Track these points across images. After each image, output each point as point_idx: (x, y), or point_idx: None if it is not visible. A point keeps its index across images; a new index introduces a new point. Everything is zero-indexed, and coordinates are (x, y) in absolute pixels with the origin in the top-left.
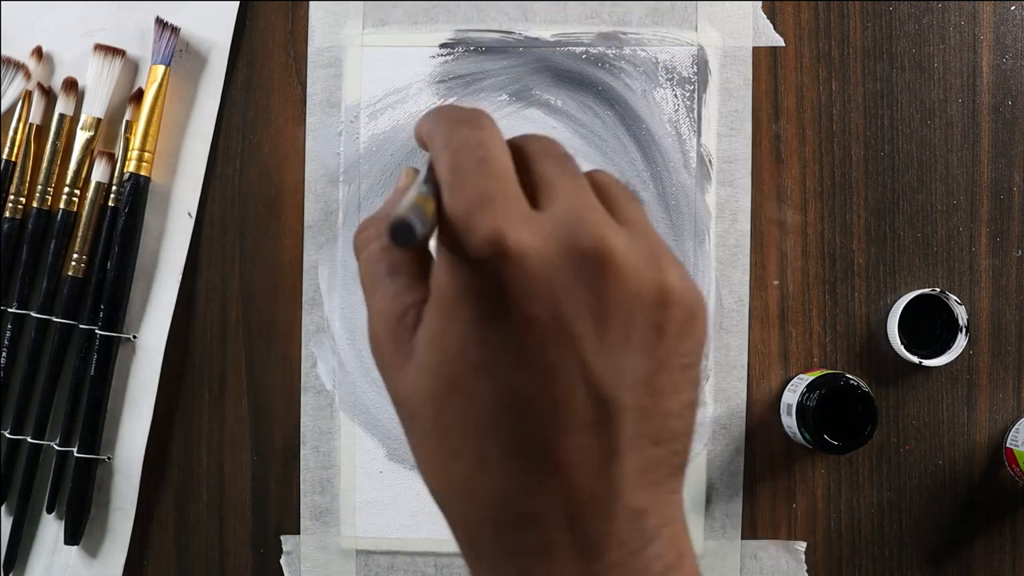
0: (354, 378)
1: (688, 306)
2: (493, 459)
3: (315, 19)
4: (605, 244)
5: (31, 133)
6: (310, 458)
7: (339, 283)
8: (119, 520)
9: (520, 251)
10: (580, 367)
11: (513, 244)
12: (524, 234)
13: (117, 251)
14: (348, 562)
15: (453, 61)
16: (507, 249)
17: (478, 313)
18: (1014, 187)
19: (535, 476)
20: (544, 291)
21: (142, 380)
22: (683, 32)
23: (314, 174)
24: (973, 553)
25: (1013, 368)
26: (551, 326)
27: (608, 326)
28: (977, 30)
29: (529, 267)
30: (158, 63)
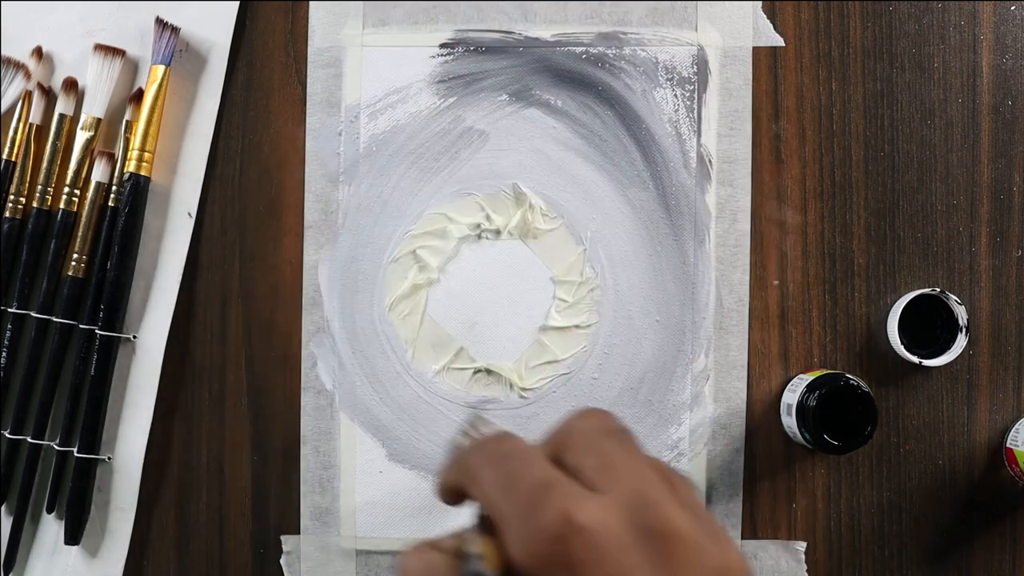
0: (354, 378)
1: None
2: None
3: (315, 19)
4: (672, 523)
5: (31, 133)
6: (310, 458)
7: (339, 283)
8: (119, 520)
9: (589, 526)
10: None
11: (582, 520)
12: (591, 511)
13: (117, 251)
14: (348, 562)
15: (453, 61)
16: (577, 524)
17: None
18: (1014, 187)
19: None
20: (615, 567)
21: (142, 380)
22: (683, 32)
23: (314, 174)
24: (973, 553)
25: (1013, 368)
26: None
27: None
28: (977, 30)
29: (599, 543)
30: (158, 63)
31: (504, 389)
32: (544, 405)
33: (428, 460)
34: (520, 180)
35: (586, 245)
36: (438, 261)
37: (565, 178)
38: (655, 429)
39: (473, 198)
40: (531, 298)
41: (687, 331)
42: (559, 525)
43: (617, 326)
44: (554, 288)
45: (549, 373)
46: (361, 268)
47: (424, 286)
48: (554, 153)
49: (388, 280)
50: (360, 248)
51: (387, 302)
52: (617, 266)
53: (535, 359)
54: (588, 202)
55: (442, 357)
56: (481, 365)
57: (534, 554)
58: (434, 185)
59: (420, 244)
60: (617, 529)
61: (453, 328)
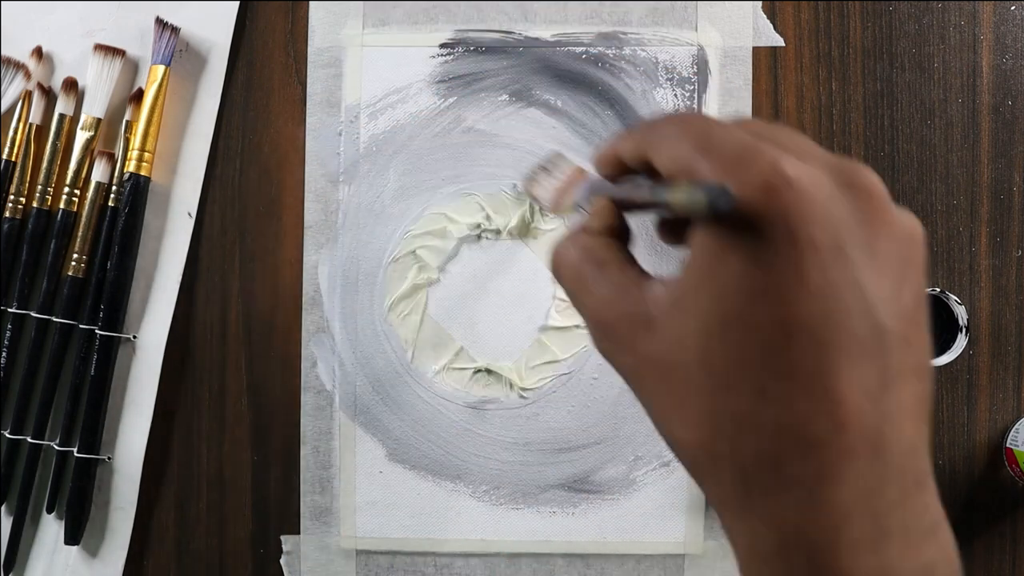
0: (354, 378)
1: (924, 247)
2: (773, 387)
3: (315, 19)
4: (875, 180)
5: (31, 133)
6: (310, 458)
7: (339, 283)
8: (119, 520)
9: (801, 177)
10: (859, 291)
11: (793, 172)
12: (801, 166)
13: (117, 251)
14: (348, 562)
15: (453, 61)
16: (788, 175)
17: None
18: (1014, 187)
19: (816, 404)
20: (824, 216)
21: (142, 380)
22: (683, 32)
23: (314, 174)
24: (973, 553)
25: (1013, 368)
26: (832, 250)
27: (877, 255)
28: (977, 30)
29: (811, 193)
30: (158, 63)
31: (504, 389)
32: (544, 405)
33: (428, 460)
34: (520, 180)
35: None
36: (438, 261)
37: None
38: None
39: (473, 198)
40: (531, 298)
41: None
42: (771, 175)
43: None
44: (554, 288)
45: (549, 373)
46: (361, 268)
47: (424, 286)
48: None
49: (388, 280)
50: (360, 248)
51: (387, 302)
52: None
53: (535, 359)
54: None
55: (442, 357)
56: (481, 365)
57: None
58: (434, 185)
59: (420, 244)
60: (826, 182)
61: (453, 328)
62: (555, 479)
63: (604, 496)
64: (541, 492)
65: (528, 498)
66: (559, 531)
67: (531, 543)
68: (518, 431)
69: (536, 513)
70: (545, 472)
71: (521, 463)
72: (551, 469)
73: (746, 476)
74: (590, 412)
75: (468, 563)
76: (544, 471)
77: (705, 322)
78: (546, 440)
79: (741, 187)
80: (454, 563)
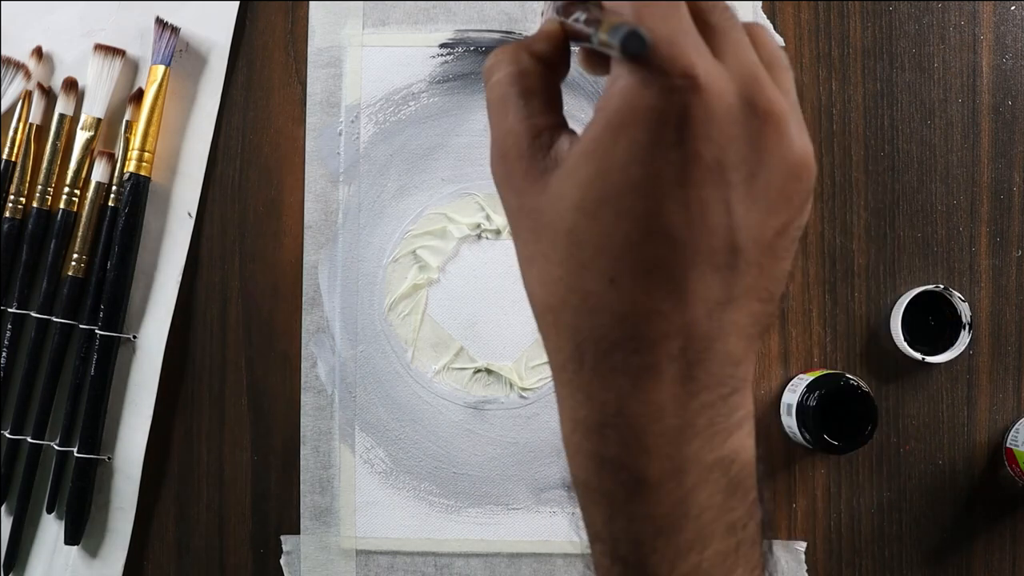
0: (354, 378)
1: (812, 183)
2: (625, 278)
3: (315, 19)
4: (777, 106)
5: (31, 133)
6: (310, 458)
7: (339, 283)
8: (119, 520)
9: (708, 88)
10: (726, 212)
11: (704, 80)
12: (713, 75)
13: (117, 251)
14: (348, 562)
15: (453, 61)
16: (700, 83)
17: (652, 137)
18: (1014, 187)
19: (660, 303)
20: (717, 133)
21: (142, 380)
22: None
23: (314, 174)
24: (973, 553)
25: (1013, 368)
26: (713, 167)
27: (755, 182)
28: (977, 30)
29: (711, 106)
30: (158, 63)
31: (504, 389)
32: (544, 405)
33: (428, 460)
34: None
35: None
36: (438, 261)
37: None
38: None
39: (473, 198)
40: None
41: None
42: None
43: None
44: None
45: (549, 373)
46: (361, 268)
47: (424, 286)
48: None
49: (388, 280)
50: (360, 248)
51: (387, 302)
52: None
53: (535, 359)
54: None
55: (442, 357)
56: (481, 365)
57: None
58: (434, 185)
59: (420, 244)
60: (730, 98)
61: (453, 328)
62: (555, 479)
63: None
64: (541, 492)
65: (528, 498)
66: (559, 531)
67: (531, 543)
68: (518, 431)
69: (536, 513)
70: (545, 472)
71: (521, 463)
72: (551, 469)
73: (581, 351)
74: None
75: (468, 563)
76: (544, 471)
77: (583, 195)
78: (546, 440)
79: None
80: (454, 563)
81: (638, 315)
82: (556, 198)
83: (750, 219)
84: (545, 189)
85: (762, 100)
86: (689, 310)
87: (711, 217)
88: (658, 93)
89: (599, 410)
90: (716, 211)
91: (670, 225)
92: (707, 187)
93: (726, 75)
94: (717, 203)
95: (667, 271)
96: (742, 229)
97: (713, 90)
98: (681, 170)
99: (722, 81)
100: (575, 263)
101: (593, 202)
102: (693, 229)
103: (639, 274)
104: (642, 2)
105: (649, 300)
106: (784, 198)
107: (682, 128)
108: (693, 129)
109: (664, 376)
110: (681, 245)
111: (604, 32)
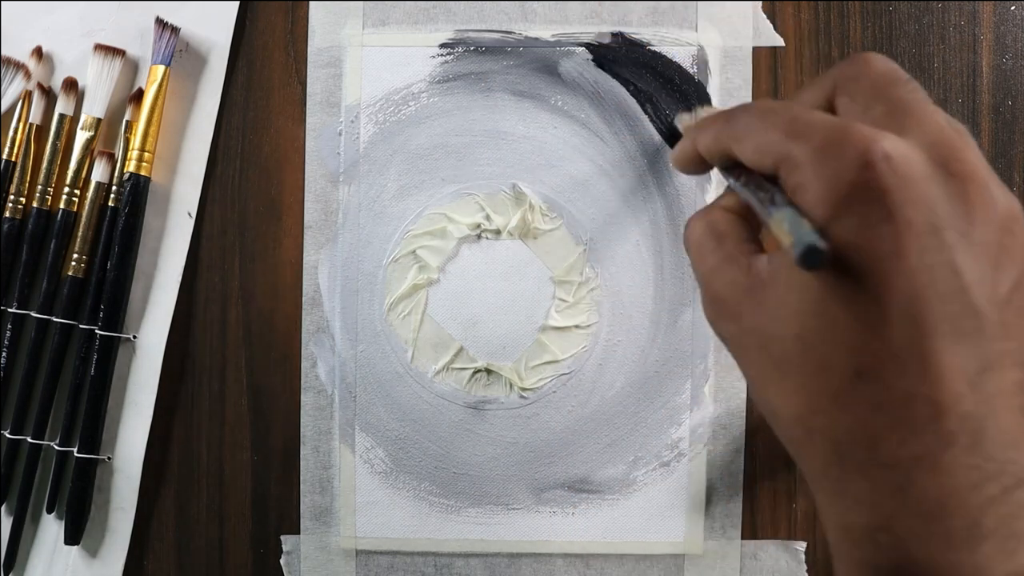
0: (354, 378)
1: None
2: (870, 367)
3: (315, 19)
4: (972, 166)
5: (31, 133)
6: (310, 458)
7: (339, 283)
8: (119, 520)
9: (896, 154)
10: (954, 274)
11: (888, 148)
12: (895, 142)
13: (117, 251)
14: (348, 562)
15: (453, 61)
16: (884, 152)
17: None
18: (1014, 187)
19: (915, 385)
20: (921, 196)
21: (142, 380)
22: (683, 32)
23: (314, 174)
24: None
25: None
26: (928, 231)
27: (973, 240)
28: (977, 30)
29: (906, 170)
30: (158, 63)
31: (504, 389)
32: (544, 405)
33: (428, 460)
34: (520, 180)
35: (586, 245)
36: (438, 261)
37: (565, 178)
38: (655, 429)
39: (473, 198)
40: (531, 298)
41: (687, 331)
42: (865, 154)
43: (617, 326)
44: (554, 288)
45: (549, 373)
46: (361, 268)
47: (424, 286)
48: (554, 153)
49: (388, 280)
50: (360, 248)
51: (387, 302)
52: (617, 266)
53: (535, 359)
54: (588, 202)
55: (442, 357)
56: (481, 365)
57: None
58: (434, 185)
59: (420, 244)
60: (921, 161)
61: (453, 328)
62: (555, 479)
63: (604, 496)
64: (541, 492)
65: (528, 498)
66: (559, 531)
67: (531, 543)
68: (518, 431)
69: (536, 513)
70: (545, 472)
71: (521, 463)
72: (551, 469)
73: (841, 453)
74: (590, 412)
75: (468, 563)
76: (544, 471)
77: (803, 298)
78: (546, 440)
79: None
80: (454, 563)
81: (894, 403)
82: (776, 308)
83: (980, 276)
84: (761, 304)
85: (954, 161)
86: (947, 386)
87: (941, 281)
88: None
89: (870, 513)
90: (944, 275)
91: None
92: (929, 252)
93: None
94: (943, 266)
95: (912, 348)
96: (974, 287)
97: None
98: (897, 242)
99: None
100: (813, 366)
101: (815, 302)
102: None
103: (884, 358)
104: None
105: (903, 383)
106: (1005, 253)
107: (887, 200)
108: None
109: (939, 465)
110: (918, 318)
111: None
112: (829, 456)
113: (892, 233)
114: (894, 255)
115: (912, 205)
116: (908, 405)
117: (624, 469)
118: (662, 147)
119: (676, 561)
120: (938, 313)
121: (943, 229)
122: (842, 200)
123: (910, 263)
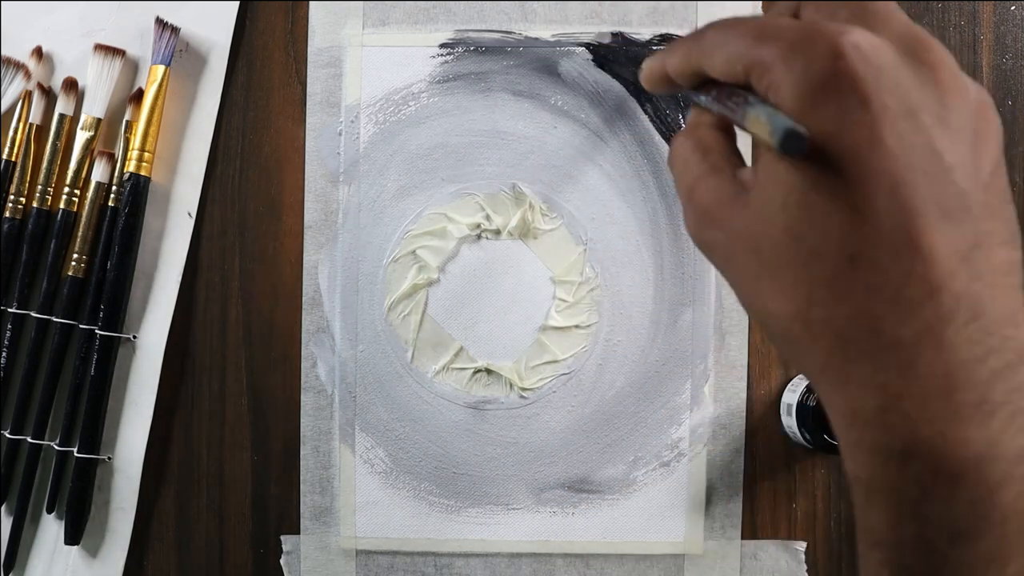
0: (354, 378)
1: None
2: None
3: (315, 19)
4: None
5: (31, 133)
6: (310, 458)
7: (339, 283)
8: (119, 520)
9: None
10: (935, 156)
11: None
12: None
13: (117, 251)
14: (348, 562)
15: (453, 61)
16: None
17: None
18: (1014, 187)
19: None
20: (893, 81)
21: (142, 380)
22: (683, 32)
23: (314, 174)
24: None
25: None
26: (905, 115)
27: (949, 124)
28: (977, 30)
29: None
30: (158, 63)
31: (504, 389)
32: (544, 405)
33: (428, 460)
34: (520, 180)
35: (586, 245)
36: (438, 261)
37: (565, 178)
38: (655, 429)
39: (473, 198)
40: (531, 298)
41: (687, 331)
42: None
43: (617, 326)
44: (554, 288)
45: (549, 373)
46: (361, 268)
47: (424, 286)
48: (554, 153)
49: (388, 280)
50: (360, 248)
51: (387, 302)
52: (617, 266)
53: (535, 359)
54: (588, 202)
55: (442, 357)
56: (481, 365)
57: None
58: (434, 185)
59: (420, 244)
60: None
61: (453, 328)
62: (555, 479)
63: (604, 496)
64: (541, 492)
65: (528, 498)
66: (559, 531)
67: (531, 543)
68: (518, 431)
69: (536, 513)
70: (545, 472)
71: (521, 463)
72: (551, 469)
73: (844, 341)
74: (589, 412)
75: (468, 563)
76: (544, 471)
77: (789, 191)
78: (546, 440)
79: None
80: (454, 563)
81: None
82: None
83: (960, 158)
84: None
85: (923, 51)
86: (939, 263)
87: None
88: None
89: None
90: (925, 156)
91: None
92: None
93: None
94: (923, 149)
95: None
96: (957, 169)
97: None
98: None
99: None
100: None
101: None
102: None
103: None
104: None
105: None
106: (980, 137)
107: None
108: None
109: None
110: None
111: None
112: (832, 347)
113: (869, 119)
114: (873, 140)
115: (887, 91)
116: (904, 285)
117: (624, 469)
118: (662, 147)
119: (676, 561)
120: (923, 194)
121: (919, 111)
122: (816, 92)
123: (890, 147)
